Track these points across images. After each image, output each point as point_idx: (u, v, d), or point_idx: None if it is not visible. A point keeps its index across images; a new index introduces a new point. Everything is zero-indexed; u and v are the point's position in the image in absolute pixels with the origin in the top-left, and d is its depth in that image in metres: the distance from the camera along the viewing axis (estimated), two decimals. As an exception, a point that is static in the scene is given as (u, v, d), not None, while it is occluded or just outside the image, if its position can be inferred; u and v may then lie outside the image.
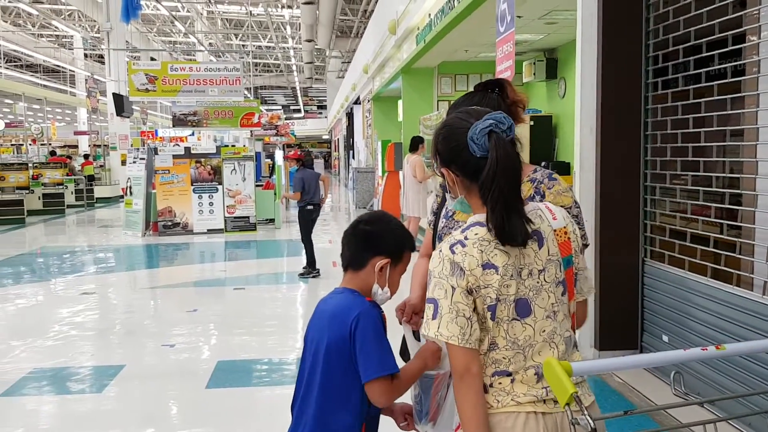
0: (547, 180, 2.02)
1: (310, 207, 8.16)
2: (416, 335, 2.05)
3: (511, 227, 1.57)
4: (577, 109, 4.62)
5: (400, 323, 2.08)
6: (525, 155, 2.15)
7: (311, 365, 1.90)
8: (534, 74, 10.12)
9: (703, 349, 1.47)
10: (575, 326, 1.76)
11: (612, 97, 4.45)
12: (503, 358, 1.61)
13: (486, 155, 1.59)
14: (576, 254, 1.72)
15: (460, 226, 2.01)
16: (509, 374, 1.61)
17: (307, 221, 8.21)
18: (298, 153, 8.63)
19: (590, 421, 1.28)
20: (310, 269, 8.19)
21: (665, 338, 4.21)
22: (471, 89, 2.28)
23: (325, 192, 8.66)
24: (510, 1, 5.23)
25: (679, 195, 4.15)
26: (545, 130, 9.89)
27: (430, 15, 8.83)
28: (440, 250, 1.64)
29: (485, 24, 7.94)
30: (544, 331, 1.62)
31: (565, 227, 1.69)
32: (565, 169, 8.22)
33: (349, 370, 1.83)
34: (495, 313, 1.59)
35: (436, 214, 2.29)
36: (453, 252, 1.60)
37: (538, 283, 1.62)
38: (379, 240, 1.94)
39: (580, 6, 4.61)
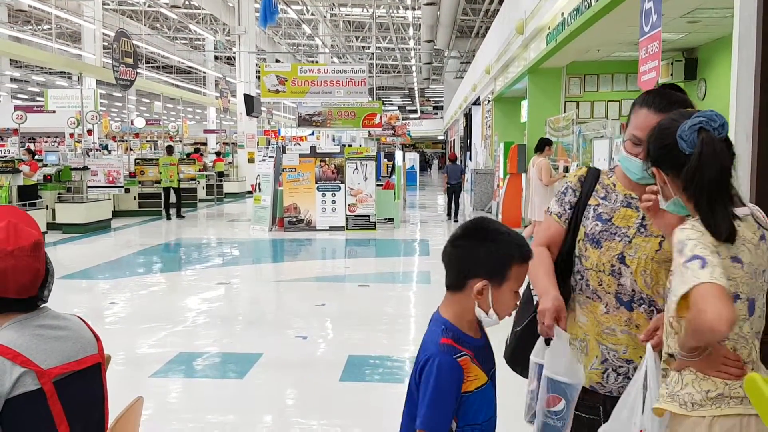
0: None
1: (448, 186, 14.68)
2: (547, 341, 1.95)
3: (716, 219, 1.55)
4: (732, 114, 4.35)
5: (540, 326, 1.94)
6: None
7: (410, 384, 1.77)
8: (671, 75, 9.67)
9: None
10: None
11: (772, 102, 4.17)
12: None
13: None
14: None
15: (622, 231, 1.97)
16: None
17: (450, 192, 14.67)
18: (454, 154, 15.89)
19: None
20: (449, 214, 14.73)
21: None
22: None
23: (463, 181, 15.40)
24: (656, -1, 5.02)
25: None
26: (682, 134, 9.40)
27: (563, 14, 8.63)
28: (693, 225, 1.60)
29: (623, 22, 7.66)
30: (752, 329, 1.63)
31: None
32: (703, 175, 7.78)
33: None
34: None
35: (573, 209, 2.13)
36: None
37: (763, 283, 1.62)
38: (473, 260, 1.66)
39: (738, 5, 4.35)
